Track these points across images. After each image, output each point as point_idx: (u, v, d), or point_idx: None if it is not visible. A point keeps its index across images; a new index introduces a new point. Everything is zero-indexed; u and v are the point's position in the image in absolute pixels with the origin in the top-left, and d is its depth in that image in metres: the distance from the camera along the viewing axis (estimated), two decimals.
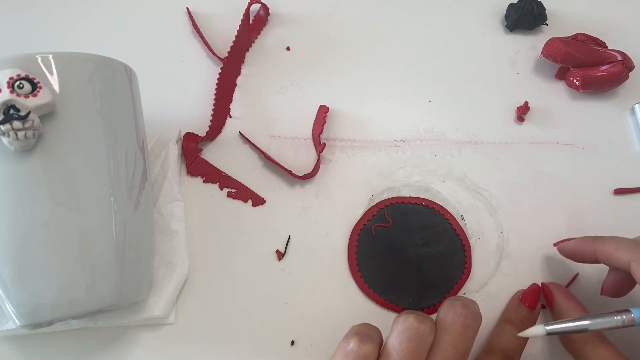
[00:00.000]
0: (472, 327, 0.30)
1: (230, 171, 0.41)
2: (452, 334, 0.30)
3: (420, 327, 0.29)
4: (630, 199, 0.41)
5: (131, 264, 0.31)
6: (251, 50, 0.45)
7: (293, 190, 0.40)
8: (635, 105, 0.44)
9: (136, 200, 0.32)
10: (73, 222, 0.29)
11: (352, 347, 0.29)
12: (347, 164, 0.41)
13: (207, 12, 0.46)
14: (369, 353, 0.29)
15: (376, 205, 0.40)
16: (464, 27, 0.47)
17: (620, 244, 0.32)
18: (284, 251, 0.38)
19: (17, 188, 0.28)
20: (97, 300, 0.29)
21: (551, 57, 0.44)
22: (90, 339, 0.35)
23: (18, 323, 0.30)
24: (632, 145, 0.43)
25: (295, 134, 0.42)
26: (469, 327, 0.30)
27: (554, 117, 0.44)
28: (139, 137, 0.34)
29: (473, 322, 0.30)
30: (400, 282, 0.38)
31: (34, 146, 0.28)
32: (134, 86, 0.34)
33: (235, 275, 0.38)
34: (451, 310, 0.31)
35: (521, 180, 0.42)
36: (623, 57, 0.43)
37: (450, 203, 0.40)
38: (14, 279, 0.29)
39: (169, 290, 0.36)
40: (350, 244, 0.39)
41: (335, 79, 0.44)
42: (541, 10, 0.46)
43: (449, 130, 0.43)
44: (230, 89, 0.44)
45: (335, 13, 0.47)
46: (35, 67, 0.28)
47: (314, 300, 0.37)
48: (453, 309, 0.31)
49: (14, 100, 0.27)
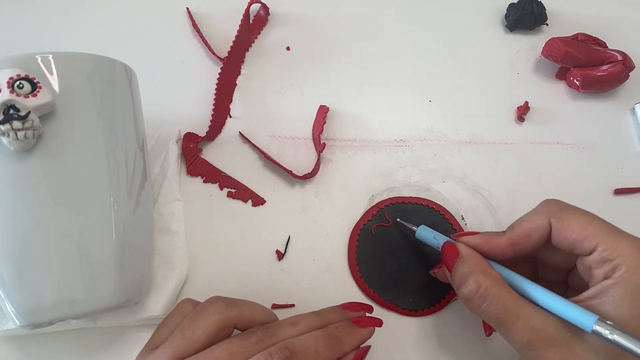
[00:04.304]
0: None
1: (230, 171, 0.41)
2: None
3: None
4: (630, 199, 0.41)
5: (131, 264, 0.31)
6: (251, 50, 0.45)
7: (293, 190, 0.40)
8: (635, 105, 0.44)
9: (136, 200, 0.32)
10: (73, 222, 0.29)
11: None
12: (347, 164, 0.41)
13: (207, 12, 0.46)
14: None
15: (376, 205, 0.40)
16: (464, 27, 0.47)
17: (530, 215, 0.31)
18: (284, 251, 0.38)
19: (17, 188, 0.28)
20: (96, 300, 0.29)
21: (551, 57, 0.44)
22: (90, 339, 0.35)
23: (18, 323, 0.30)
24: (632, 145, 0.43)
25: (295, 134, 0.42)
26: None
27: (554, 117, 0.44)
28: (139, 137, 0.34)
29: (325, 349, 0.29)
30: (400, 282, 0.38)
31: (34, 146, 0.28)
32: (134, 86, 0.34)
33: (235, 275, 0.38)
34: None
35: (521, 180, 0.42)
36: (623, 57, 0.43)
37: (451, 203, 0.40)
38: (14, 279, 0.29)
39: (169, 290, 0.36)
40: (350, 244, 0.39)
41: (335, 79, 0.45)
42: (541, 10, 0.46)
43: (449, 130, 0.43)
44: (230, 89, 0.44)
45: (335, 13, 0.47)
46: (35, 67, 0.28)
47: (314, 300, 0.37)
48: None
49: (13, 100, 0.27)
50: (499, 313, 0.28)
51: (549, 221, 0.30)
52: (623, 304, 0.26)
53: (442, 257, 0.33)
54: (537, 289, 0.29)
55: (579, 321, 0.26)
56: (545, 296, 0.28)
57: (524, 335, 0.27)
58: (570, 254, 0.30)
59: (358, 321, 0.32)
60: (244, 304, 0.30)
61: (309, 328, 0.30)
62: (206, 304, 0.29)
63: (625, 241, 0.28)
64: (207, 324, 0.28)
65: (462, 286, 0.30)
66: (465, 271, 0.30)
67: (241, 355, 0.27)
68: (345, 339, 0.30)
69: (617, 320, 0.26)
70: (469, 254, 0.31)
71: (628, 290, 0.26)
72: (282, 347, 0.27)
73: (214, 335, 0.28)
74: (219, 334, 0.28)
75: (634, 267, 0.27)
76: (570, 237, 0.29)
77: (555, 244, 0.30)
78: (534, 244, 0.31)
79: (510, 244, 0.31)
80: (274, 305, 0.37)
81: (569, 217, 0.29)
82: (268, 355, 0.27)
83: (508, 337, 0.29)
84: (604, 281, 0.27)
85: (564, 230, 0.29)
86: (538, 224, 0.30)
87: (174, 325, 0.29)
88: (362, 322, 0.32)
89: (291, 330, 0.29)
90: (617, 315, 0.26)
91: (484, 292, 0.29)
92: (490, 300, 0.29)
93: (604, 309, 0.27)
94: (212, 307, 0.29)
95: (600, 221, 0.29)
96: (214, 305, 0.29)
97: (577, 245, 0.29)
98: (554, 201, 0.31)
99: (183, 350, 0.27)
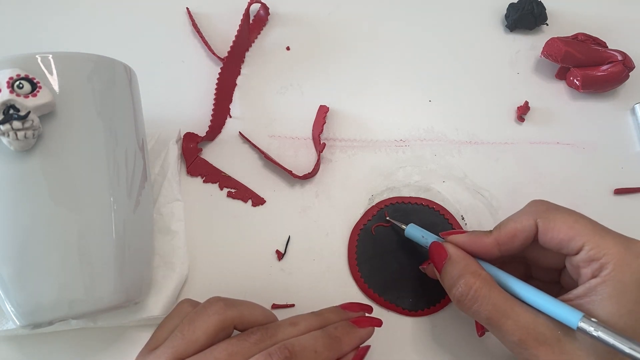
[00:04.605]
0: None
1: (230, 171, 0.41)
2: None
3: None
4: (630, 199, 0.41)
5: (131, 264, 0.31)
6: (251, 50, 0.45)
7: (293, 190, 0.40)
8: (635, 105, 0.44)
9: (136, 200, 0.32)
10: (73, 222, 0.29)
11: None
12: (347, 164, 0.41)
13: (207, 12, 0.46)
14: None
15: (376, 205, 0.40)
16: (464, 27, 0.47)
17: (517, 215, 0.31)
18: (284, 251, 0.38)
19: (17, 188, 0.28)
20: (96, 300, 0.29)
21: (551, 57, 0.44)
22: (90, 339, 0.35)
23: (18, 323, 0.30)
24: (632, 145, 0.43)
25: (295, 134, 0.42)
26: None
27: (554, 117, 0.44)
28: (139, 137, 0.34)
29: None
30: (400, 282, 0.38)
31: (33, 146, 0.28)
32: (134, 86, 0.34)
33: (235, 275, 0.38)
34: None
35: (521, 180, 0.41)
36: (623, 57, 0.43)
37: (451, 203, 0.40)
38: (14, 279, 0.29)
39: (169, 290, 0.36)
40: (350, 244, 0.39)
41: (335, 79, 0.44)
42: (541, 10, 0.46)
43: (449, 130, 0.43)
44: (230, 89, 0.44)
45: (335, 13, 0.47)
46: (35, 67, 0.28)
47: (314, 300, 0.37)
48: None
49: (13, 100, 0.27)
50: (489, 313, 0.28)
51: (535, 221, 0.30)
52: (610, 302, 0.26)
53: (430, 257, 0.33)
54: (525, 287, 0.29)
55: (565, 318, 0.26)
56: (533, 295, 0.28)
57: (514, 334, 0.27)
58: (558, 253, 0.30)
59: (357, 321, 0.32)
60: (243, 305, 0.30)
61: (308, 328, 0.30)
62: (206, 305, 0.29)
63: (611, 240, 0.28)
64: (206, 325, 0.28)
65: (453, 288, 0.30)
66: (455, 273, 0.30)
67: (241, 355, 0.27)
68: (345, 339, 0.30)
69: (605, 318, 0.26)
70: (458, 255, 0.31)
71: (615, 288, 0.27)
72: (282, 347, 0.27)
73: (213, 336, 0.28)
74: (219, 334, 0.28)
75: (620, 265, 0.27)
76: (557, 238, 0.29)
77: (542, 244, 0.30)
78: (520, 244, 0.31)
79: (496, 243, 0.31)
80: (274, 306, 0.37)
81: (556, 217, 0.29)
82: (267, 355, 0.27)
83: (500, 336, 0.29)
84: (592, 280, 0.28)
85: (550, 230, 0.29)
86: (524, 224, 0.30)
87: (174, 326, 0.29)
88: (362, 322, 0.32)
89: (291, 330, 0.29)
90: (605, 314, 0.26)
91: (474, 294, 0.29)
92: (481, 301, 0.29)
93: (592, 308, 0.27)
94: (211, 308, 0.29)
95: (587, 220, 0.29)
96: (214, 305, 0.29)
97: (563, 245, 0.29)
98: (540, 202, 0.31)
99: (183, 351, 0.27)
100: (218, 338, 0.28)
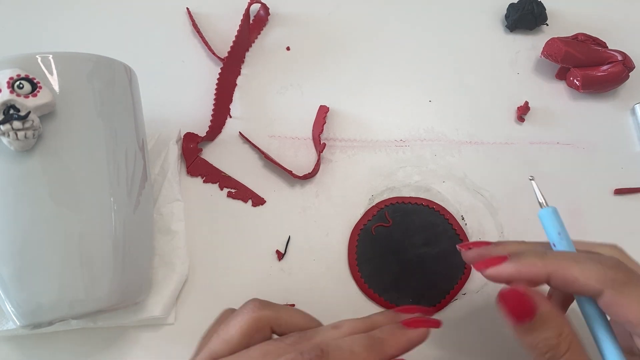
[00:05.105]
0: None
1: (230, 171, 0.41)
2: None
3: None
4: (630, 199, 0.41)
5: (131, 264, 0.31)
6: (251, 50, 0.45)
7: (293, 190, 0.40)
8: (635, 105, 0.44)
9: (136, 200, 0.32)
10: (73, 222, 0.29)
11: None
12: (347, 164, 0.41)
13: (207, 12, 0.46)
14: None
15: (376, 205, 0.40)
16: (464, 27, 0.47)
17: (585, 265, 0.25)
18: (284, 251, 0.38)
19: (17, 188, 0.28)
20: (96, 300, 0.29)
21: (551, 57, 0.44)
22: (90, 339, 0.35)
23: (18, 323, 0.30)
24: (632, 145, 0.43)
25: (295, 134, 0.42)
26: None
27: (554, 117, 0.44)
28: (139, 137, 0.34)
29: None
30: (400, 282, 0.38)
31: (34, 146, 0.28)
32: (134, 86, 0.34)
33: (235, 275, 0.38)
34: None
35: (521, 180, 0.41)
36: (623, 57, 0.43)
37: (451, 203, 0.40)
38: (14, 279, 0.29)
39: (169, 290, 0.36)
40: (350, 244, 0.39)
41: (335, 79, 0.44)
42: (541, 10, 0.46)
43: (449, 130, 0.43)
44: (230, 89, 0.44)
45: (335, 13, 0.47)
46: (35, 67, 0.28)
47: (314, 300, 0.37)
48: None
49: (14, 100, 0.27)
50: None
51: (602, 288, 0.25)
52: None
53: (502, 303, 0.26)
54: (609, 346, 0.26)
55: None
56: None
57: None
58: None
59: (409, 322, 0.29)
60: (281, 308, 0.29)
61: (351, 331, 0.28)
62: (242, 306, 0.29)
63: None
64: (240, 323, 0.28)
65: (546, 354, 0.25)
66: (553, 339, 0.25)
67: (274, 354, 0.26)
68: (389, 341, 0.27)
69: None
70: (552, 313, 0.25)
71: None
72: (314, 346, 0.26)
73: (248, 335, 0.27)
74: (254, 335, 0.28)
75: None
76: (625, 317, 0.25)
77: (605, 311, 0.26)
78: (572, 293, 0.28)
79: (546, 276, 0.26)
80: None
81: (631, 292, 0.25)
82: (299, 353, 0.26)
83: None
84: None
85: (619, 306, 0.25)
86: (589, 286, 0.25)
87: (214, 332, 0.29)
88: (414, 324, 0.29)
89: (332, 333, 0.28)
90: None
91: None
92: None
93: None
94: (246, 307, 0.29)
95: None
96: (248, 305, 0.29)
97: (633, 327, 0.25)
98: (618, 264, 0.26)
99: (219, 350, 0.27)
100: (254, 339, 0.28)
